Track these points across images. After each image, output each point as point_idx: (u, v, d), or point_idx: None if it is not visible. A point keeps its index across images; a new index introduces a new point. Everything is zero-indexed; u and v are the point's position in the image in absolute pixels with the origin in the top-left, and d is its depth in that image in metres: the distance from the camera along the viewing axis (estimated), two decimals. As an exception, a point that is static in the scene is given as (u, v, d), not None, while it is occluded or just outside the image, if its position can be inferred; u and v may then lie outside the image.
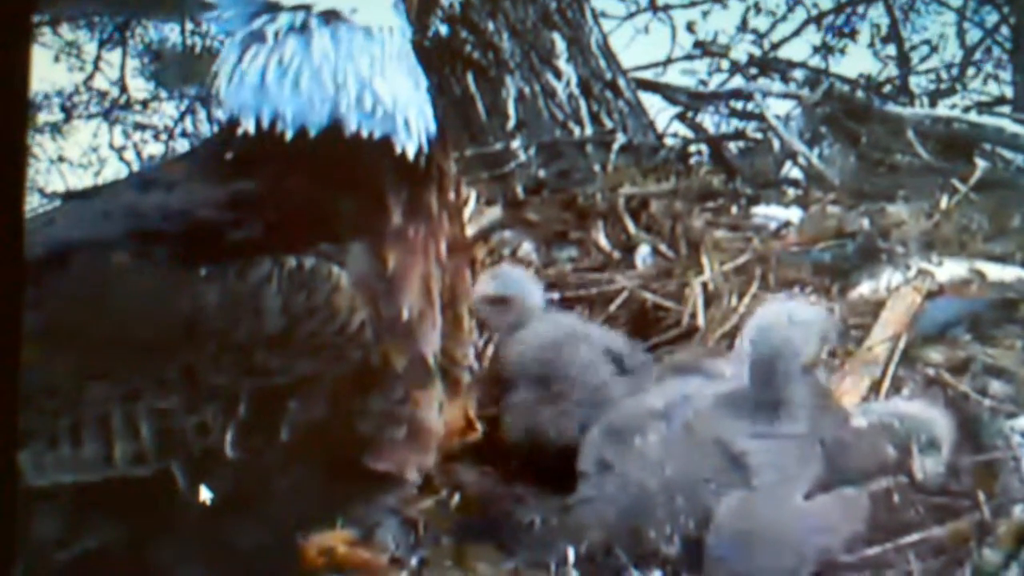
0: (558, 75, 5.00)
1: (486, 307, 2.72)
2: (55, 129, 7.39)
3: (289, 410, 1.69)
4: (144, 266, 1.71)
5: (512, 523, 2.35)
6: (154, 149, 7.61)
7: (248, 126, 1.81)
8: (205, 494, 1.69)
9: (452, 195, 1.91)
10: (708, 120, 5.70)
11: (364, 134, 1.83)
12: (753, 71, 6.86)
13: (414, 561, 2.28)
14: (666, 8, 7.28)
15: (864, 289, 3.15)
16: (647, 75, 6.29)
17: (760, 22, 7.27)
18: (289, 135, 1.80)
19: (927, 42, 7.16)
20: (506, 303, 2.76)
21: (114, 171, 7.45)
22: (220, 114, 1.90)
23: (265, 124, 1.81)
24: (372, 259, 1.77)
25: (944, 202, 3.70)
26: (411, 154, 1.85)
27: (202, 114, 7.40)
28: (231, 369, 1.68)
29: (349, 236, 1.76)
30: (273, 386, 1.69)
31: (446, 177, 1.89)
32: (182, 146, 7.51)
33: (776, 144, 4.81)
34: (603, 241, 3.53)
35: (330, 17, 1.84)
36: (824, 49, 7.19)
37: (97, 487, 1.69)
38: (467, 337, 1.99)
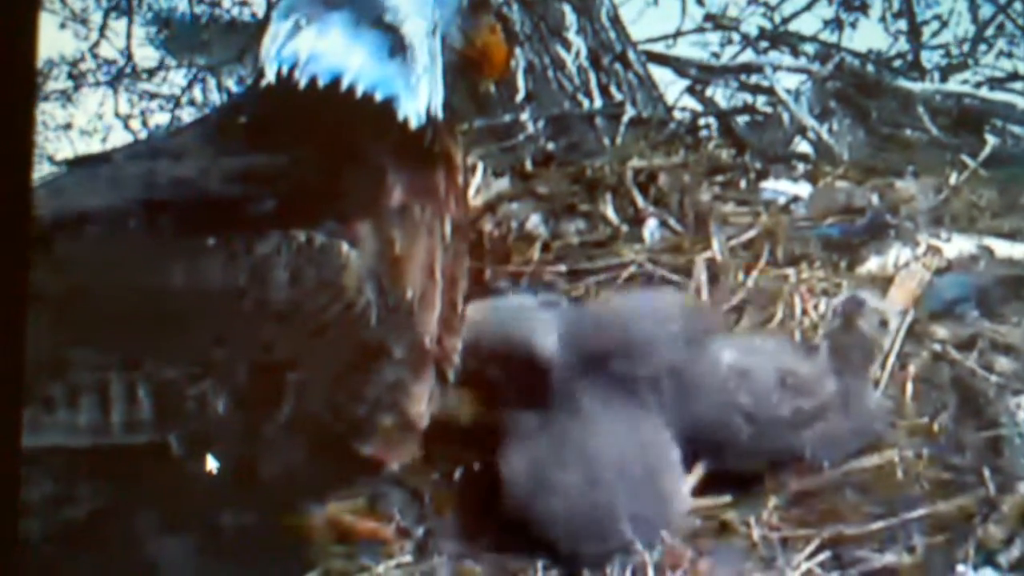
0: (567, 47, 4.99)
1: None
2: (64, 97, 7.37)
3: (288, 387, 1.67)
4: (151, 235, 1.69)
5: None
6: (161, 118, 7.58)
7: (270, 76, 1.82)
8: (211, 463, 1.68)
9: (460, 178, 1.90)
10: (718, 94, 5.68)
11: (377, 96, 1.82)
12: (763, 44, 6.81)
13: (420, 532, 2.29)
14: (677, -20, 7.22)
15: (872, 265, 3.15)
16: (657, 48, 6.25)
17: (771, -6, 7.22)
18: (303, 83, 1.81)
19: (938, 17, 7.11)
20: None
21: (120, 139, 7.42)
22: (241, 76, 1.92)
23: (285, 72, 1.82)
24: (378, 238, 1.75)
25: (953, 178, 3.68)
26: (415, 126, 1.85)
27: (211, 83, 7.37)
28: (234, 342, 1.67)
29: (356, 213, 1.75)
30: (274, 361, 1.67)
31: (453, 159, 1.88)
32: (189, 115, 7.48)
33: (786, 118, 4.79)
34: (611, 214, 3.52)
35: None
36: (835, 23, 7.14)
37: (89, 453, 1.67)
38: (459, 327, 1.96)
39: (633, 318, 2.48)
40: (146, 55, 7.60)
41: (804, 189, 3.76)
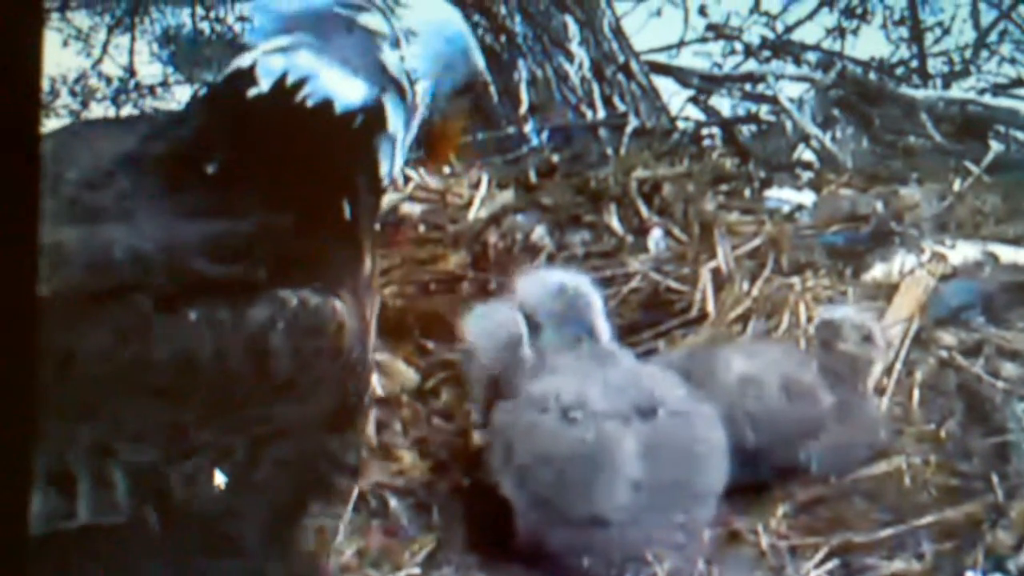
0: (571, 58, 5.00)
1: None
2: (70, 114, 7.38)
3: (270, 450, 1.58)
4: (124, 310, 1.51)
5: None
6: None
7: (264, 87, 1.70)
8: (220, 479, 1.58)
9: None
10: (721, 103, 5.69)
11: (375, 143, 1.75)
12: (766, 54, 6.83)
13: (429, 541, 2.30)
14: (679, -10, 7.24)
15: (877, 272, 3.15)
16: (660, 58, 6.27)
17: (772, 4, 7.23)
18: (296, 101, 1.69)
19: (940, 24, 7.12)
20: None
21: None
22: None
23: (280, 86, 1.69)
24: (356, 301, 1.68)
25: (957, 185, 3.68)
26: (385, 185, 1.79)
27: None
28: (224, 422, 1.55)
29: (338, 277, 1.66)
30: (271, 431, 1.57)
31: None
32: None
33: (789, 127, 4.80)
34: (616, 224, 3.53)
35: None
36: (838, 31, 7.15)
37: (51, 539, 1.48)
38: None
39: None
40: (151, 72, 7.62)
41: (808, 197, 3.76)
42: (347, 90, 1.73)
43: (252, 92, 1.69)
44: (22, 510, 0.95)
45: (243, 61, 1.73)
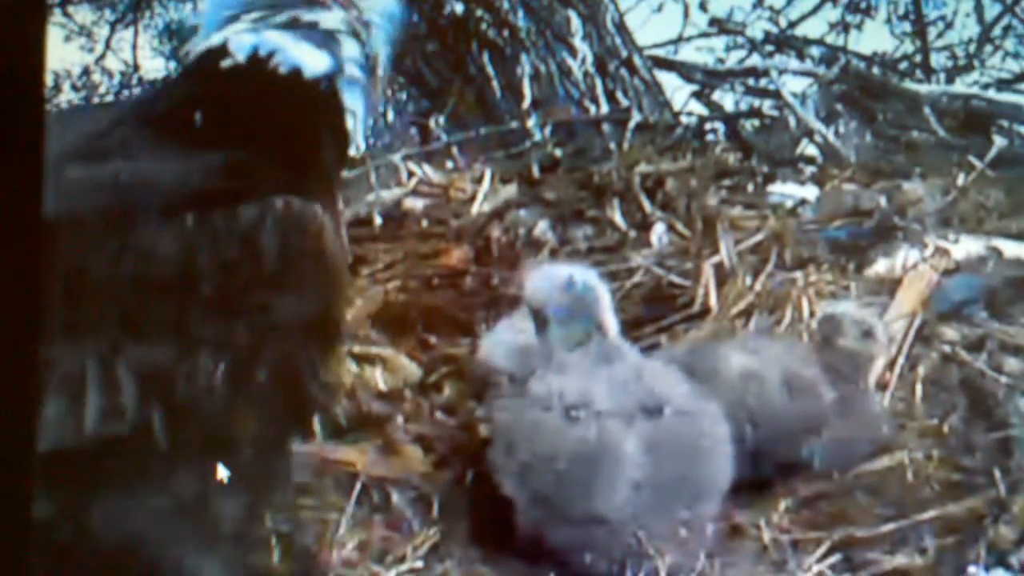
0: (573, 53, 5.01)
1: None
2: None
3: (264, 349, 1.69)
4: (128, 222, 1.65)
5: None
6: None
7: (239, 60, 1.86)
8: (222, 473, 1.66)
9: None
10: (724, 98, 5.69)
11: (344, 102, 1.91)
12: (769, 48, 6.83)
13: (431, 535, 2.30)
14: (682, -15, 7.24)
15: (880, 267, 3.15)
16: (663, 53, 6.27)
17: (776, -1, 7.23)
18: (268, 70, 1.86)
19: (943, 18, 7.12)
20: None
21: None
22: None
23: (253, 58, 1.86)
24: (331, 220, 1.82)
25: (961, 179, 3.68)
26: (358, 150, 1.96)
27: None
28: (223, 315, 1.66)
29: (315, 196, 1.80)
30: (260, 327, 1.69)
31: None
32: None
33: (792, 122, 4.79)
34: (619, 219, 3.53)
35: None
36: (841, 26, 7.15)
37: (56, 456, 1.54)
38: None
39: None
40: (154, 67, 7.64)
41: (811, 192, 3.76)
42: (313, 61, 1.90)
43: (227, 63, 1.87)
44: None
45: (213, 41, 1.89)
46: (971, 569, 2.18)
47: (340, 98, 1.92)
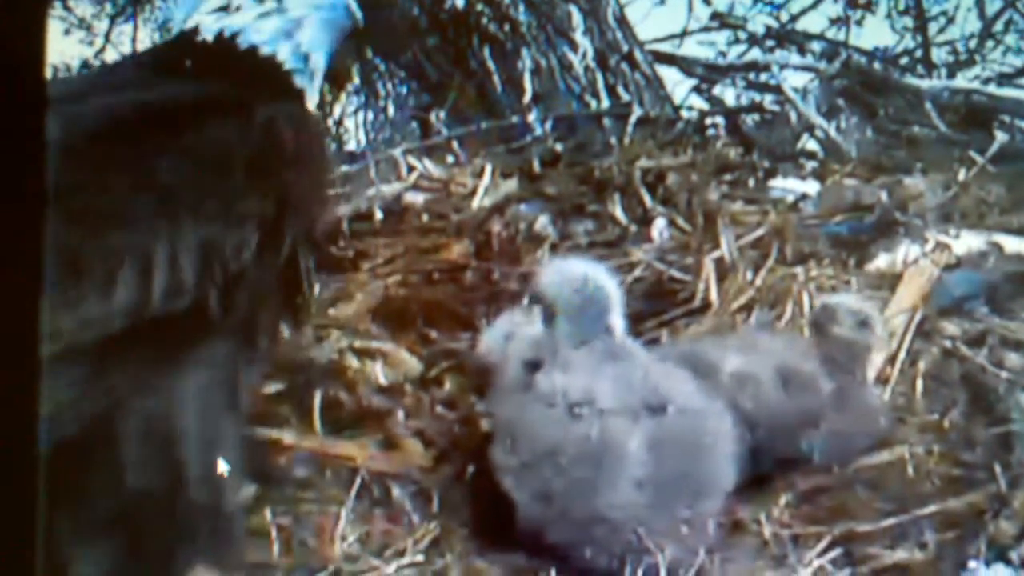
0: (574, 48, 5.00)
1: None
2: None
3: (286, 221, 1.95)
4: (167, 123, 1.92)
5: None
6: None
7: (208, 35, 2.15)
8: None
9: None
10: (725, 93, 5.68)
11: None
12: (770, 43, 6.81)
13: (431, 529, 2.30)
14: (683, -21, 7.22)
15: (881, 262, 3.15)
16: (664, 47, 6.26)
17: (777, -7, 7.21)
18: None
19: (944, 13, 7.10)
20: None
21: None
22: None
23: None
24: None
25: (962, 174, 3.68)
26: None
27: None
28: (258, 189, 1.93)
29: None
30: (284, 207, 1.95)
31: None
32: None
33: (793, 117, 4.79)
34: (620, 214, 3.53)
35: None
36: (842, 21, 7.14)
37: (117, 339, 1.75)
38: None
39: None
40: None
41: (812, 187, 3.76)
42: (267, 41, 2.18)
43: (199, 39, 2.16)
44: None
45: (187, 25, 2.18)
46: (971, 564, 2.18)
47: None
